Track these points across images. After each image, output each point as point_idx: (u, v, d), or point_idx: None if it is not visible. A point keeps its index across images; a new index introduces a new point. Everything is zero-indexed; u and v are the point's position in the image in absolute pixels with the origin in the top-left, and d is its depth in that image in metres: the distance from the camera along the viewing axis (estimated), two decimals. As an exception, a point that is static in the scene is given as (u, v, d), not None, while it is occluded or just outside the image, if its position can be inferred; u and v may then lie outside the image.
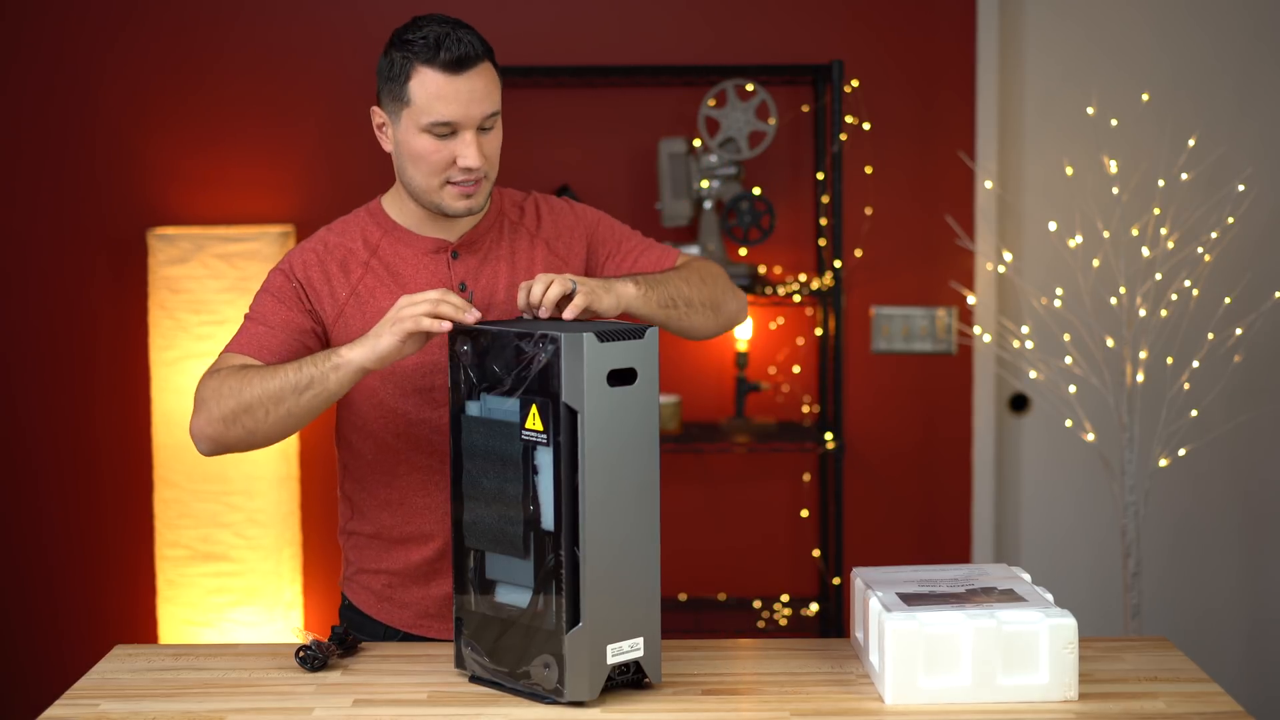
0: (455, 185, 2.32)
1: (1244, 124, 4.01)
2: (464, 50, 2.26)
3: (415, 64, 2.28)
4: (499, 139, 2.34)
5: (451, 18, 2.32)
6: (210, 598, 3.73)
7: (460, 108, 2.27)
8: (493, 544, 2.14)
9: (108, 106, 3.96)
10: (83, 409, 4.01)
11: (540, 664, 2.09)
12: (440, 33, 2.27)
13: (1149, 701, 2.11)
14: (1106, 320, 3.90)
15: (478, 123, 2.29)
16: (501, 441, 2.12)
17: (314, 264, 2.40)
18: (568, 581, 2.06)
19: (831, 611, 3.85)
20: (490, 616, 2.15)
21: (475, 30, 2.31)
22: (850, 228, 3.96)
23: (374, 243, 2.42)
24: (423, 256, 2.41)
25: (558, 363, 2.05)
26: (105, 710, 2.14)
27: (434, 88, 2.26)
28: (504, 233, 2.45)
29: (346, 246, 2.42)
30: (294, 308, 2.38)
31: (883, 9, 3.96)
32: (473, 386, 2.16)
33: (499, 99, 2.32)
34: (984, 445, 4.02)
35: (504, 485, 2.12)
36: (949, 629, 2.10)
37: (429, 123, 2.28)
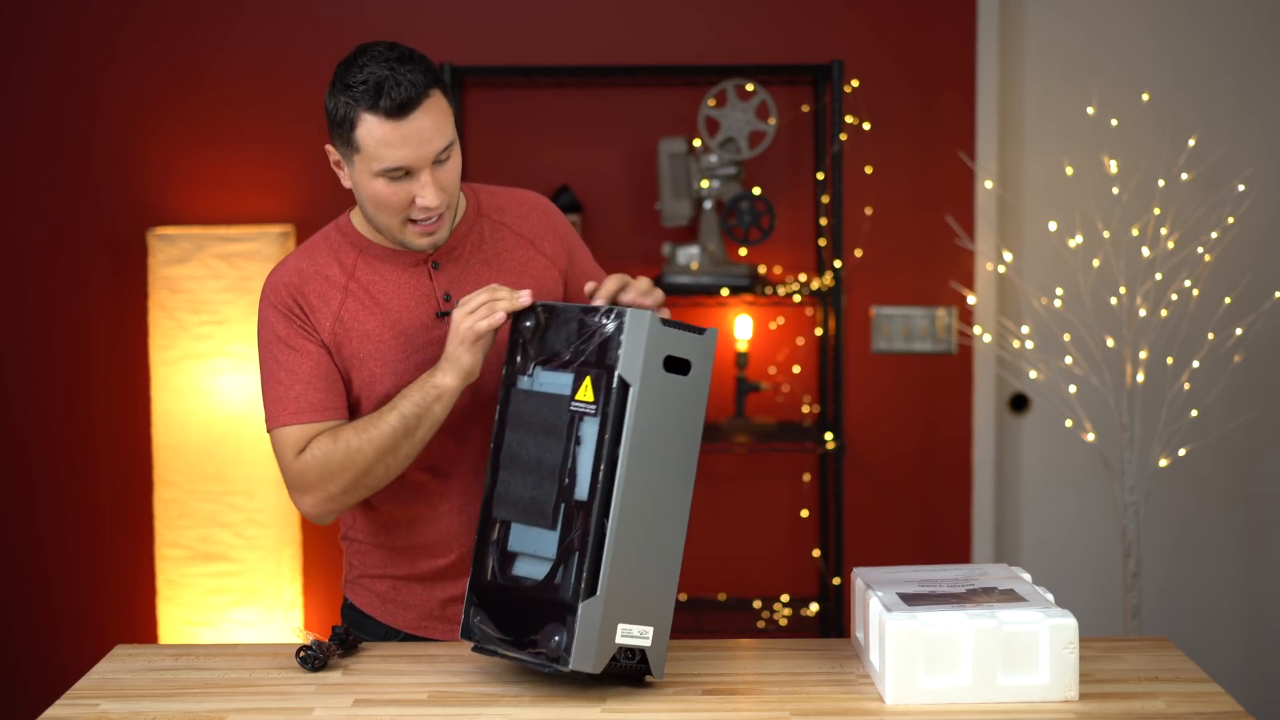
0: (417, 224, 2.27)
1: (1244, 124, 4.01)
2: (405, 93, 2.17)
3: (359, 110, 2.19)
4: (457, 166, 2.27)
5: (393, 50, 2.21)
6: (210, 598, 3.73)
7: (410, 151, 2.20)
8: (522, 513, 2.15)
9: (107, 106, 3.96)
10: (82, 409, 4.01)
11: (550, 632, 2.10)
12: (380, 76, 2.17)
13: (1149, 701, 2.11)
14: (1106, 320, 3.90)
15: (430, 162, 2.22)
16: (548, 413, 2.15)
17: (299, 294, 2.33)
18: (592, 550, 2.08)
19: (831, 611, 3.85)
20: (505, 587, 2.15)
21: (419, 59, 2.21)
22: (850, 228, 3.96)
23: (350, 265, 2.36)
24: (402, 273, 2.35)
25: (619, 336, 2.10)
26: (105, 710, 2.14)
27: (380, 134, 2.19)
28: (485, 234, 2.41)
29: (321, 274, 2.35)
30: (311, 349, 2.32)
31: (883, 9, 3.96)
32: (529, 361, 2.18)
33: (451, 128, 2.24)
34: (984, 445, 4.02)
35: (544, 455, 2.14)
36: (949, 629, 2.10)
37: (381, 169, 2.21)
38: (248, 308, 3.71)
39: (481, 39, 3.95)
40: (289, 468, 2.31)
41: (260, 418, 3.74)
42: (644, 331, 2.10)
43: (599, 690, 2.17)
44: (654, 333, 2.11)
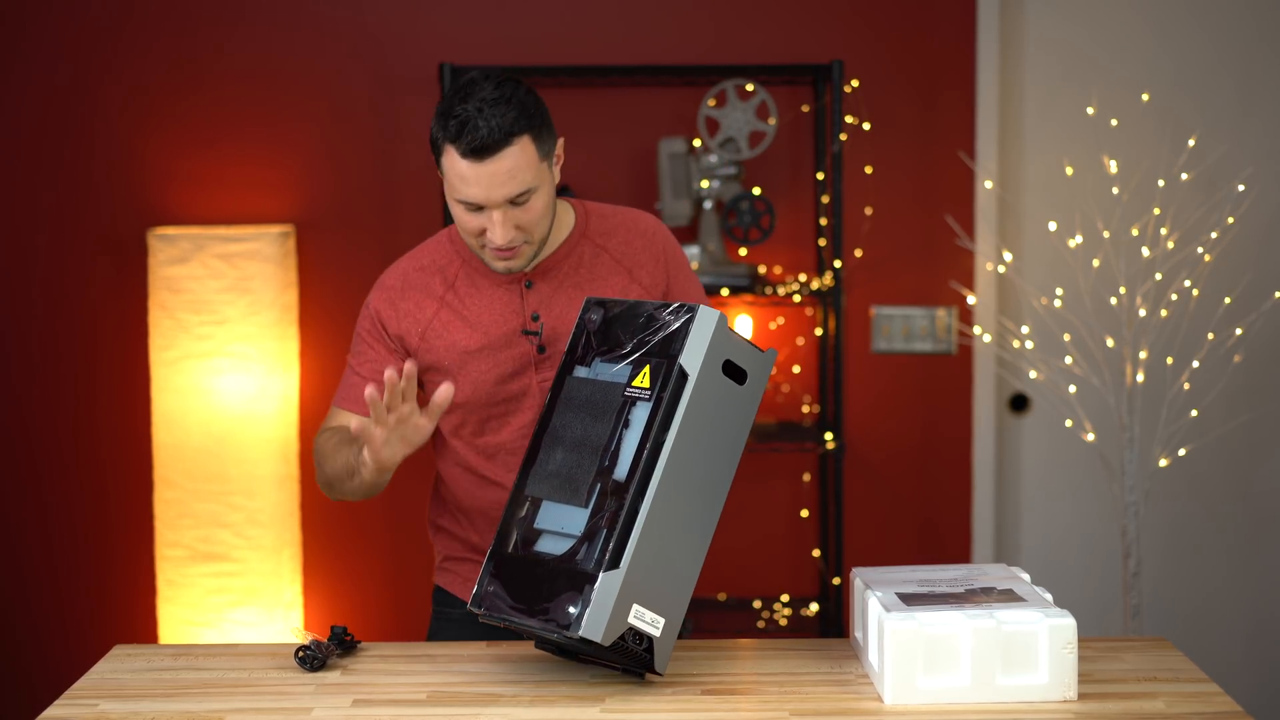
0: (492, 249, 2.34)
1: (1244, 124, 4.01)
2: (484, 139, 2.25)
3: (444, 142, 2.29)
4: (538, 208, 2.33)
5: (496, 90, 2.28)
6: (210, 598, 3.73)
7: (482, 191, 2.28)
8: (556, 490, 2.18)
9: (107, 106, 3.96)
10: (83, 409, 4.01)
11: (565, 600, 2.11)
12: (469, 115, 2.25)
13: (1148, 701, 2.11)
14: (1106, 320, 3.90)
15: (502, 203, 2.29)
16: (601, 397, 2.20)
17: (396, 298, 2.46)
18: (622, 526, 2.11)
19: (831, 611, 3.85)
20: (525, 559, 2.17)
21: (518, 102, 2.28)
22: (850, 228, 3.96)
23: (451, 276, 2.46)
24: (496, 289, 2.44)
25: (686, 328, 2.17)
26: (105, 710, 2.14)
27: (458, 169, 2.29)
28: (584, 258, 2.46)
29: (425, 282, 2.47)
30: (380, 348, 2.47)
31: (883, 9, 3.96)
32: (590, 352, 2.24)
33: (533, 176, 2.29)
34: (984, 445, 4.02)
35: (589, 434, 2.19)
36: (948, 629, 2.10)
37: (456, 199, 2.31)
38: (248, 308, 3.71)
39: (481, 39, 3.95)
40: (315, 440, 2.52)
41: (260, 417, 3.75)
42: (710, 328, 2.17)
43: (598, 690, 2.17)
44: (720, 332, 2.17)
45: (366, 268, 3.95)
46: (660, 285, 2.51)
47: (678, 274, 2.54)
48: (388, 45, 3.96)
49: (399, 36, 3.95)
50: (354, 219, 3.99)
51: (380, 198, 3.98)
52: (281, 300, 3.78)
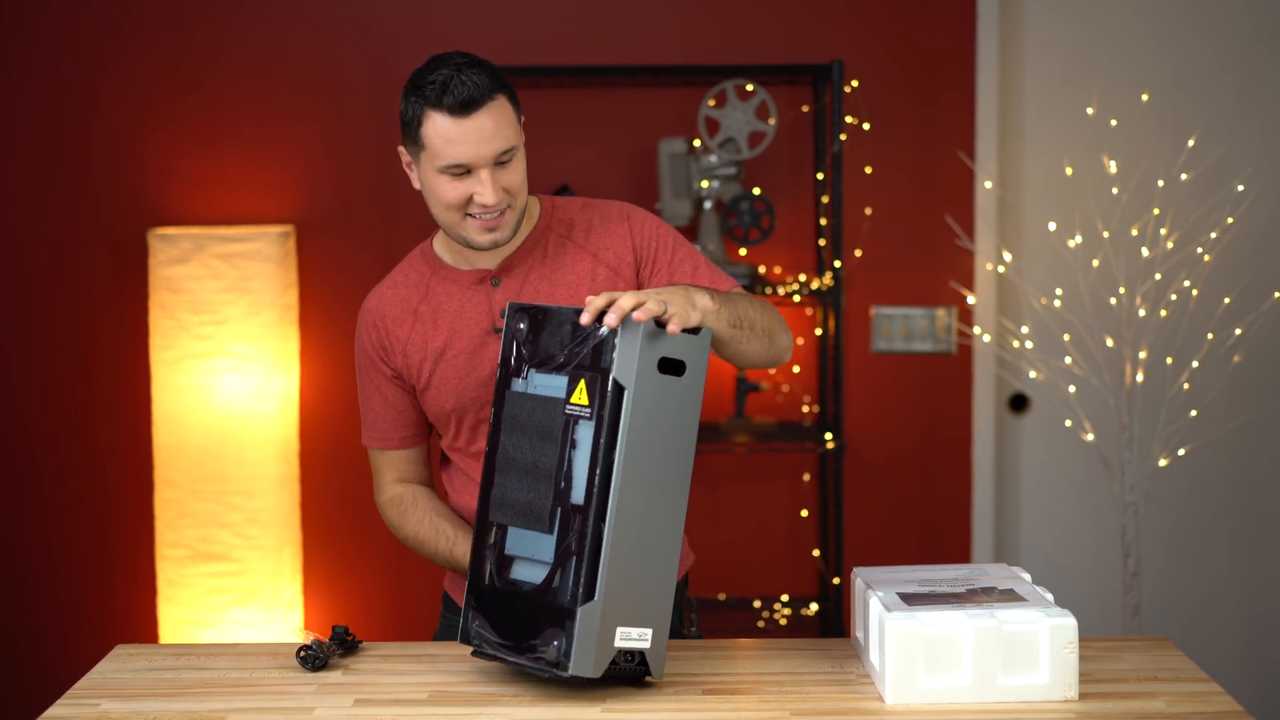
0: (476, 219, 2.34)
1: (1244, 124, 4.01)
2: (469, 92, 2.28)
3: (425, 108, 2.31)
4: (520, 170, 2.35)
5: (465, 56, 2.34)
6: (210, 598, 3.73)
7: (471, 149, 2.29)
8: (518, 518, 2.16)
9: (107, 106, 3.96)
10: (83, 409, 4.01)
11: (549, 636, 2.10)
12: (447, 76, 2.29)
13: (1149, 701, 2.12)
14: (1106, 320, 3.90)
15: (490, 161, 2.30)
16: (544, 416, 2.16)
17: (378, 326, 2.48)
18: (589, 554, 2.08)
19: (831, 611, 3.85)
20: (503, 591, 2.15)
21: (489, 67, 2.33)
22: (850, 228, 3.96)
23: (424, 287, 2.47)
24: (466, 291, 2.44)
25: (612, 339, 2.10)
26: (106, 710, 2.14)
27: (443, 131, 2.30)
28: (549, 248, 2.45)
29: (401, 297, 2.48)
30: (380, 382, 2.50)
31: (883, 9, 3.96)
32: (523, 363, 2.19)
33: (515, 133, 2.34)
34: (984, 445, 4.02)
35: (539, 459, 2.15)
36: (949, 629, 2.10)
37: (443, 165, 2.31)
38: (248, 308, 3.71)
39: (482, 39, 3.95)
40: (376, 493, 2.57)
41: (260, 417, 3.75)
42: (638, 334, 2.09)
43: (599, 690, 2.17)
44: (648, 335, 2.10)
45: (366, 268, 3.95)
46: (629, 266, 2.45)
47: (665, 255, 2.47)
48: (388, 45, 3.96)
49: (399, 36, 3.95)
50: (354, 219, 3.99)
51: (380, 198, 3.98)
52: (281, 300, 3.78)
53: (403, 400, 2.49)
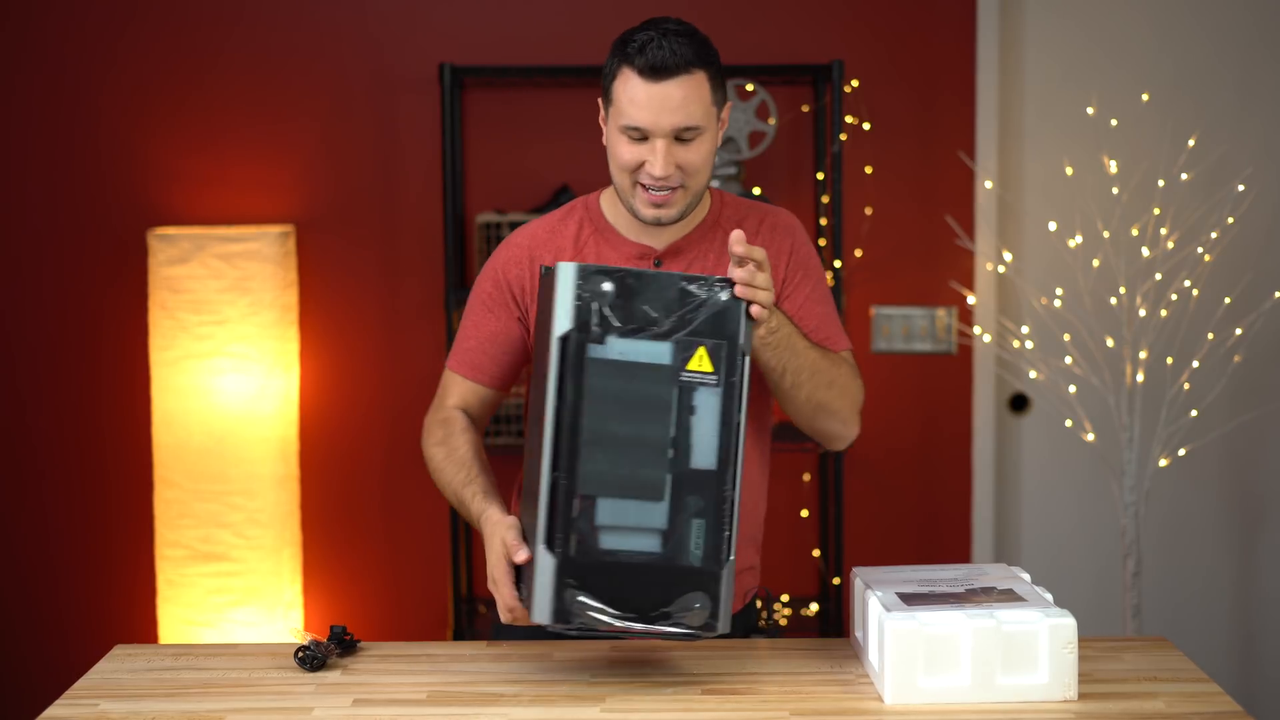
0: (645, 190, 2.30)
1: (1244, 124, 4.01)
2: (664, 58, 2.24)
3: (622, 65, 2.28)
4: (703, 152, 2.30)
5: (678, 25, 2.30)
6: (210, 598, 3.73)
7: (651, 115, 2.25)
8: (622, 489, 2.10)
9: (108, 106, 3.96)
10: (83, 409, 4.01)
11: (689, 601, 2.10)
12: (650, 38, 2.26)
13: (1149, 701, 2.11)
14: (1106, 320, 3.90)
15: (669, 132, 2.26)
16: (646, 384, 2.10)
17: (523, 261, 2.42)
18: (728, 517, 2.11)
19: (831, 611, 3.85)
20: (608, 564, 2.10)
21: (699, 41, 2.29)
22: (850, 228, 3.96)
23: (582, 242, 2.42)
24: (625, 261, 2.40)
25: (738, 309, 2.11)
26: (105, 710, 2.14)
27: (630, 91, 2.26)
28: (714, 245, 2.42)
29: (556, 244, 2.42)
30: (502, 315, 2.43)
31: (883, 9, 3.96)
32: (607, 329, 2.10)
33: (703, 113, 2.27)
34: (984, 445, 4.02)
35: (643, 430, 2.10)
36: (949, 629, 2.10)
37: (623, 125, 2.28)
38: (248, 308, 3.71)
39: (481, 39, 3.95)
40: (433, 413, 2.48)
41: (260, 417, 3.75)
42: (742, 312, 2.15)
43: (598, 690, 2.17)
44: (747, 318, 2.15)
45: (366, 268, 3.96)
46: (779, 279, 2.44)
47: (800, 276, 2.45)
48: (388, 45, 3.96)
49: (399, 36, 3.95)
50: (354, 219, 3.99)
51: (380, 198, 3.98)
52: (281, 300, 3.78)
53: (515, 342, 2.44)
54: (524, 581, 2.16)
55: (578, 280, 2.09)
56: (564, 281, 2.09)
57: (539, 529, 2.09)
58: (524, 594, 2.15)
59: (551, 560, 2.08)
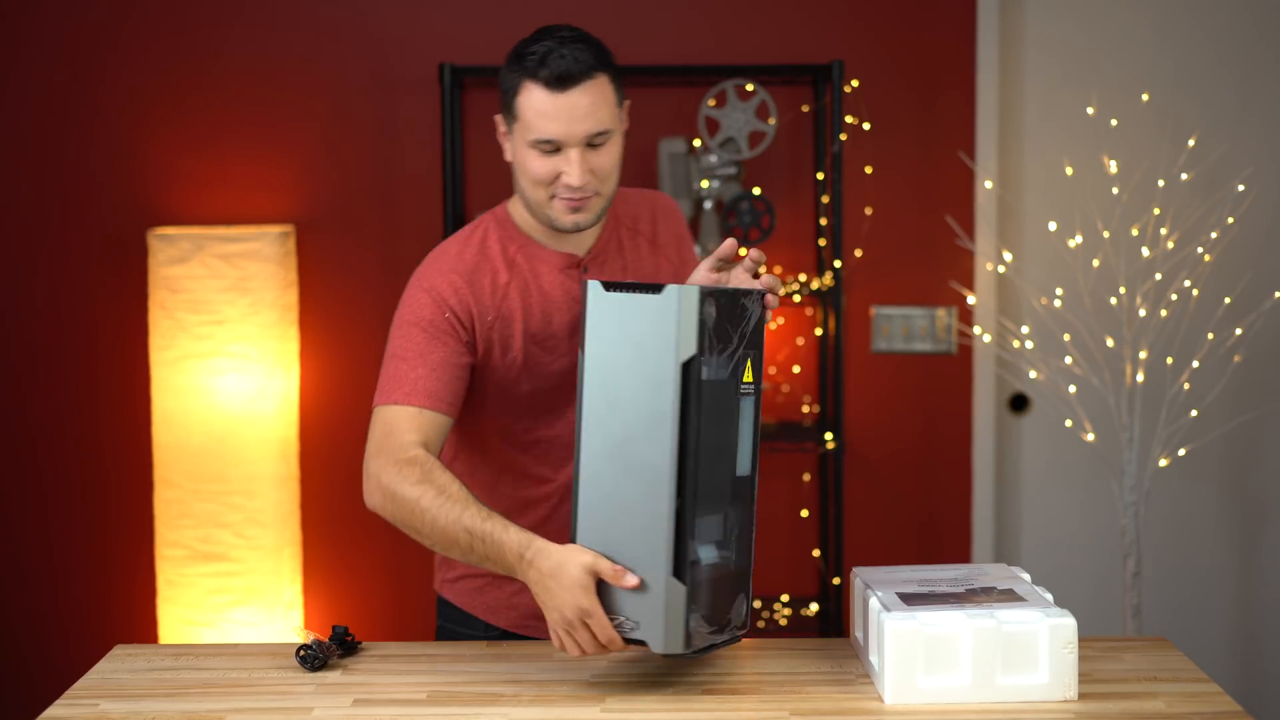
0: (562, 199, 2.28)
1: (1244, 124, 4.01)
2: (568, 67, 2.23)
3: (523, 79, 2.25)
4: (613, 155, 2.29)
5: (572, 31, 2.29)
6: (210, 598, 3.73)
7: (562, 125, 2.23)
8: (711, 505, 2.12)
9: (107, 106, 3.96)
10: (83, 409, 4.01)
11: (738, 605, 2.17)
12: (549, 48, 2.24)
13: (1149, 701, 2.11)
14: (1106, 320, 3.90)
15: (581, 140, 2.24)
16: (724, 400, 2.14)
17: (463, 287, 2.32)
18: (753, 519, 2.18)
19: (831, 611, 3.85)
20: (706, 581, 2.12)
21: (595, 44, 2.28)
22: (850, 228, 3.96)
23: (511, 257, 2.37)
24: (558, 274, 2.37)
25: (764, 316, 2.19)
26: (105, 710, 2.14)
27: (537, 104, 2.24)
28: (624, 241, 2.43)
29: (490, 265, 2.36)
30: (450, 343, 2.30)
31: (883, 9, 3.96)
32: (710, 350, 2.11)
33: (611, 116, 2.27)
34: (984, 445, 4.02)
35: (723, 443, 2.14)
36: (948, 629, 2.10)
37: (533, 139, 2.25)
38: (248, 308, 3.71)
39: (481, 39, 3.95)
40: (376, 454, 2.24)
41: (260, 417, 3.74)
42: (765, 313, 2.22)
43: (598, 690, 2.17)
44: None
45: (366, 268, 3.95)
46: (676, 263, 2.48)
47: (691, 257, 2.53)
48: (388, 45, 3.96)
49: (399, 36, 3.95)
50: (354, 219, 3.99)
51: (380, 198, 3.98)
52: (281, 300, 3.78)
53: (465, 370, 2.31)
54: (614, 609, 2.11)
55: (700, 304, 2.08)
56: (687, 305, 2.08)
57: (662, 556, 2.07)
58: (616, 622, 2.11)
59: (682, 589, 2.08)
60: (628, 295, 2.11)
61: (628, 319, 2.11)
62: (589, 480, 2.13)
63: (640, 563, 2.08)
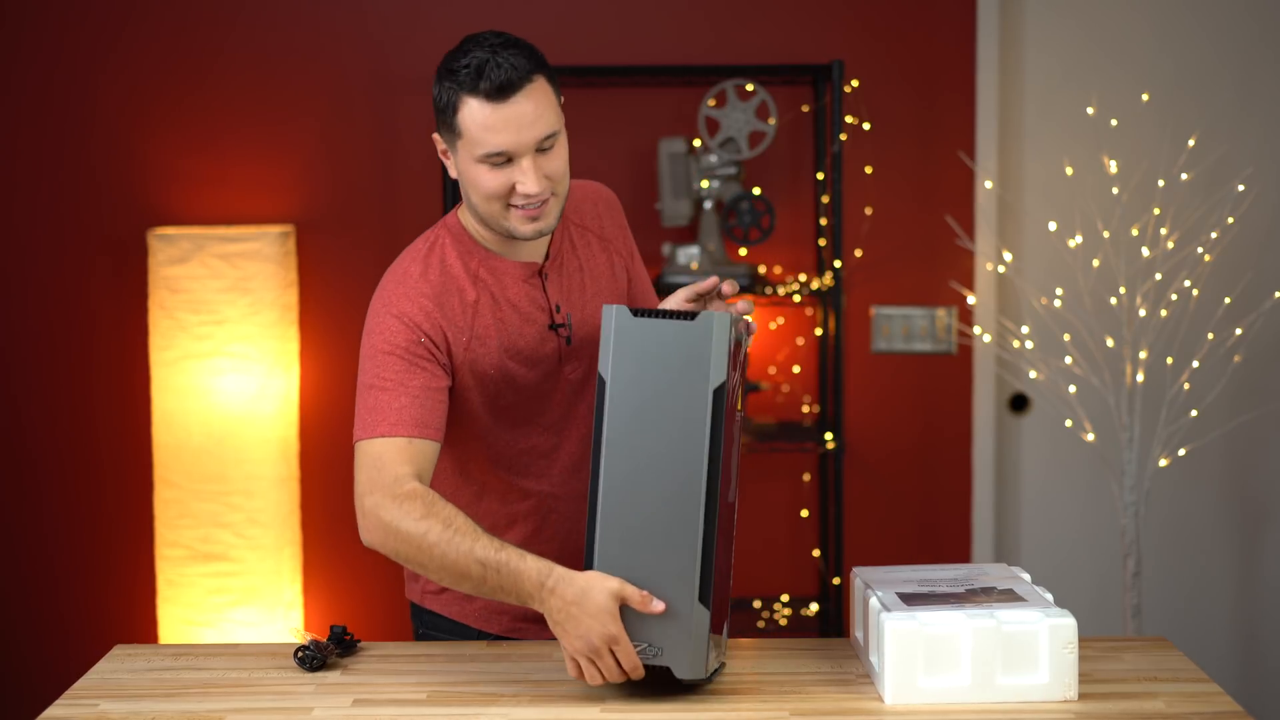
0: (519, 209, 2.22)
1: (1244, 124, 4.01)
2: (506, 75, 2.16)
3: (461, 95, 2.18)
4: (562, 156, 2.24)
5: (498, 37, 2.22)
6: (210, 598, 3.73)
7: (510, 136, 2.17)
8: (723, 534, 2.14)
9: (107, 106, 3.96)
10: (83, 409, 4.01)
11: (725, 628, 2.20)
12: (482, 59, 2.17)
13: (1149, 701, 2.11)
14: (1106, 320, 3.90)
15: (532, 147, 2.18)
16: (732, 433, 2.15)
17: (433, 311, 2.26)
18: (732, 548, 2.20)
19: (831, 611, 3.85)
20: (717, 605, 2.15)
21: (525, 47, 2.22)
22: (850, 228, 3.96)
23: (474, 272, 2.30)
24: (522, 284, 2.32)
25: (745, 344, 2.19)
26: (105, 710, 2.14)
27: (481, 118, 2.17)
28: (574, 240, 2.39)
29: (456, 284, 2.29)
30: (429, 367, 2.23)
31: (883, 9, 3.96)
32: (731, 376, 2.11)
33: (555, 117, 2.21)
34: (984, 445, 4.02)
35: (731, 473, 2.15)
36: (949, 629, 2.10)
37: (482, 154, 2.18)
38: (248, 308, 3.71)
39: (481, 39, 3.94)
40: (370, 490, 2.17)
41: (260, 417, 3.74)
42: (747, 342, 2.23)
43: (599, 690, 2.17)
44: None
45: (366, 268, 3.95)
46: (627, 254, 2.46)
47: (633, 243, 2.51)
48: (388, 45, 3.96)
49: (399, 36, 3.95)
50: (354, 219, 3.99)
51: (380, 198, 3.98)
52: (281, 300, 3.78)
53: (444, 394, 2.24)
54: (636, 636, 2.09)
55: (731, 330, 2.09)
56: (720, 332, 2.07)
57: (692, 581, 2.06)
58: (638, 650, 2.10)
59: (707, 614, 2.08)
60: (658, 321, 2.09)
61: (656, 345, 2.09)
62: (608, 506, 2.10)
63: (667, 588, 2.07)
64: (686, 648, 2.07)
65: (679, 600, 2.06)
